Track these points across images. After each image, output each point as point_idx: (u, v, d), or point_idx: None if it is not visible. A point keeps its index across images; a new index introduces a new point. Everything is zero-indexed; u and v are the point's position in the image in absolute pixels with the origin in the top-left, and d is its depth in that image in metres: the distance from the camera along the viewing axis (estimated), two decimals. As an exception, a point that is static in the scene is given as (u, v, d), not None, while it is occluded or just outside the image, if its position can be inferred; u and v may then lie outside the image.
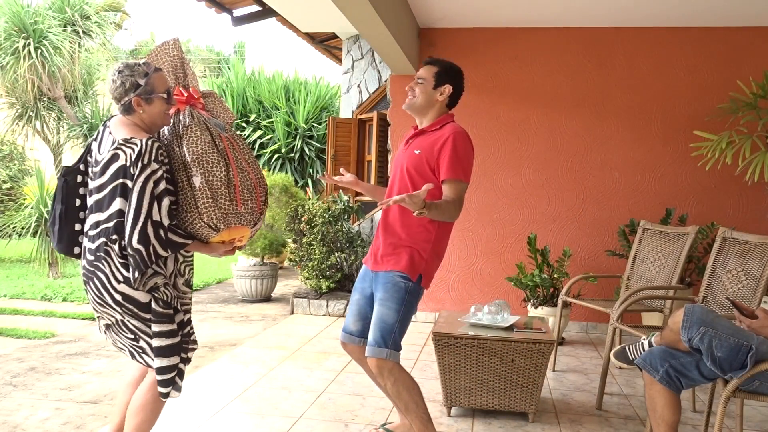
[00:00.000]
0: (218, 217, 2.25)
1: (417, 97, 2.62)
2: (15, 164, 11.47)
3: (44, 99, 9.93)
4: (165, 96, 2.28)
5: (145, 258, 2.13)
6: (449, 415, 3.25)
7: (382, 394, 3.52)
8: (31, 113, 10.00)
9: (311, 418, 3.15)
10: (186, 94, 2.36)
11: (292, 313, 5.73)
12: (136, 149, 2.14)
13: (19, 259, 9.33)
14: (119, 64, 2.28)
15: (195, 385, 3.62)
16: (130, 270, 2.15)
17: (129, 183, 2.15)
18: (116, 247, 2.17)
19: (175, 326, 2.26)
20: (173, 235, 2.20)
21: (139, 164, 2.13)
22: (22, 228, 8.10)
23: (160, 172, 2.16)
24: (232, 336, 5.04)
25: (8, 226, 8.35)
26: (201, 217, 2.23)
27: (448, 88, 2.62)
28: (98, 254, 2.19)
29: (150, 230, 2.12)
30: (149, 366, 2.30)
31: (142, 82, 2.23)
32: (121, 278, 2.18)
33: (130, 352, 2.34)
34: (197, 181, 2.22)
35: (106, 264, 2.18)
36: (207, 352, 4.54)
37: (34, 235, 8.04)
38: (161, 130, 2.39)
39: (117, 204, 2.16)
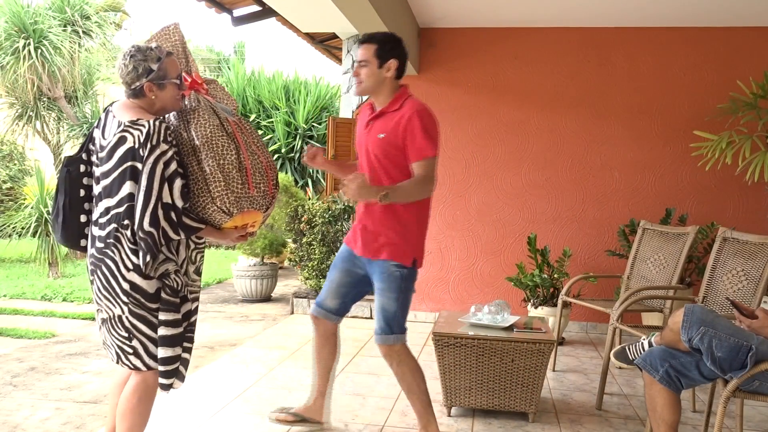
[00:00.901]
0: (231, 201, 2.22)
1: (364, 81, 2.58)
2: (15, 164, 11.46)
3: (44, 99, 9.93)
4: (177, 81, 2.24)
5: (157, 241, 2.08)
6: (449, 415, 3.25)
7: (383, 394, 3.52)
8: (31, 113, 10.00)
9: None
10: (189, 79, 2.33)
11: (292, 313, 5.73)
12: (144, 130, 2.09)
13: (19, 259, 9.33)
14: (130, 47, 2.21)
15: (195, 385, 3.62)
16: (141, 255, 2.10)
17: (138, 165, 2.10)
18: (128, 232, 2.12)
19: (180, 316, 2.22)
20: (187, 219, 2.16)
21: (148, 145, 2.08)
22: (22, 228, 8.11)
23: (170, 153, 2.12)
24: (232, 336, 5.05)
25: (8, 226, 8.36)
26: (214, 201, 2.20)
27: (393, 63, 2.58)
28: (108, 241, 2.14)
29: (160, 213, 2.08)
30: (136, 368, 2.23)
31: (154, 67, 2.18)
32: (130, 266, 2.13)
33: (116, 353, 2.25)
34: (208, 164, 2.18)
35: (116, 251, 2.13)
36: (207, 352, 4.54)
37: (34, 235, 8.05)
38: (167, 115, 2.34)
39: (127, 188, 2.12)
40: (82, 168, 2.28)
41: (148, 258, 2.09)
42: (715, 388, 2.96)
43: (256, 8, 5.76)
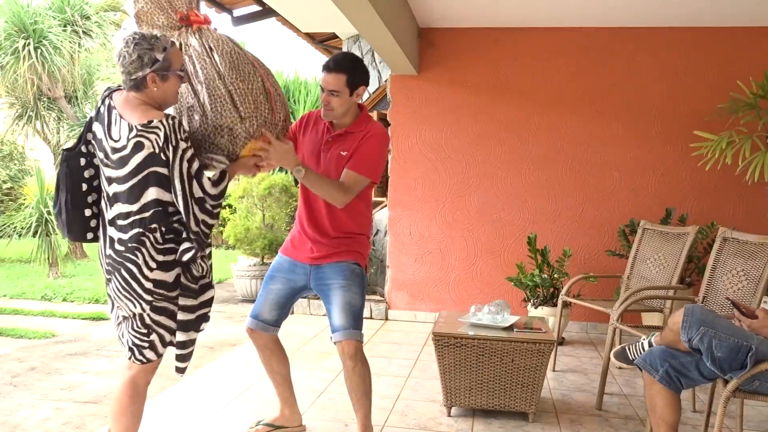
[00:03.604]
0: (259, 124, 2.24)
1: (335, 110, 2.61)
2: (15, 164, 11.47)
3: (44, 99, 9.93)
4: (181, 74, 2.19)
5: (203, 238, 2.15)
6: (449, 415, 3.25)
7: (383, 394, 3.52)
8: (31, 113, 10.00)
9: (311, 418, 3.15)
10: (202, 16, 2.34)
11: (292, 313, 5.73)
12: (161, 133, 2.06)
13: (19, 259, 9.33)
14: (132, 33, 2.13)
15: (196, 385, 3.62)
16: (192, 251, 2.15)
17: (160, 170, 2.09)
18: (157, 235, 2.12)
19: (197, 302, 2.26)
20: (213, 189, 2.17)
21: (170, 148, 2.07)
22: (22, 228, 8.11)
23: (190, 152, 2.12)
24: (232, 336, 5.05)
25: (8, 226, 8.36)
26: (243, 122, 2.21)
27: (362, 89, 2.64)
28: (130, 245, 2.11)
29: (196, 208, 2.13)
30: (148, 361, 2.21)
31: (159, 57, 2.10)
32: (154, 265, 2.13)
33: (130, 349, 2.22)
34: (236, 86, 2.21)
35: (138, 254, 2.11)
36: (207, 352, 4.54)
37: (34, 235, 8.05)
38: (190, 42, 2.29)
39: (152, 193, 2.10)
40: (83, 161, 2.22)
41: (198, 253, 2.15)
42: (715, 388, 2.96)
43: (256, 8, 5.76)
